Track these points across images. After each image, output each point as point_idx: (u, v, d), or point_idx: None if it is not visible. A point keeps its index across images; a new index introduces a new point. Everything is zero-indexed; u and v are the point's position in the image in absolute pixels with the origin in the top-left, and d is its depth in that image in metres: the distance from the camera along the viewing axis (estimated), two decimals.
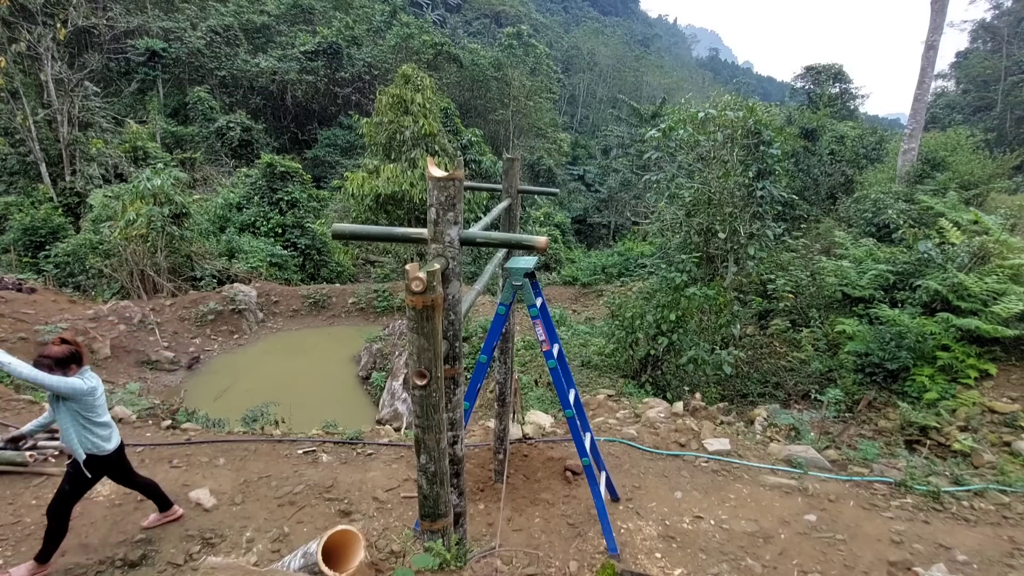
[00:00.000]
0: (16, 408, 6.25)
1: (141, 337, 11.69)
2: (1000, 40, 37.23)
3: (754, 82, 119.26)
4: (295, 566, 2.47)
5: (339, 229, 2.40)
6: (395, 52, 37.05)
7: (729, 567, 3.98)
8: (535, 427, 6.04)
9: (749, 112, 10.45)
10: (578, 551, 4.13)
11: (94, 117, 21.81)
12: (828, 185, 19.33)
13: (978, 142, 17.44)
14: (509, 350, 4.61)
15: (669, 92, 49.84)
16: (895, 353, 7.61)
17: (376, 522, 4.42)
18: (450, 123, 25.56)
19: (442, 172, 2.15)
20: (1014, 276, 7.91)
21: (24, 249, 15.75)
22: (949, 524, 4.51)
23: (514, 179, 4.38)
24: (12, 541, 3.99)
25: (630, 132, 32.82)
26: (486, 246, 2.44)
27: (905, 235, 10.15)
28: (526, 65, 42.63)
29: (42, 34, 19.54)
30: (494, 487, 4.91)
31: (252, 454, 5.40)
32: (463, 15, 69.66)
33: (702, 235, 10.96)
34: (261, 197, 18.73)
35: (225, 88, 34.81)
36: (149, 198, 14.46)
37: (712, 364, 8.49)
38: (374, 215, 18.31)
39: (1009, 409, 6.46)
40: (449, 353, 2.40)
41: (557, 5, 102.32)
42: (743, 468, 5.30)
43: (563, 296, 18.96)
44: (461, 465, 2.66)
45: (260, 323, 14.13)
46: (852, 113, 28.50)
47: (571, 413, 3.85)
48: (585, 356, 10.53)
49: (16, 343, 9.43)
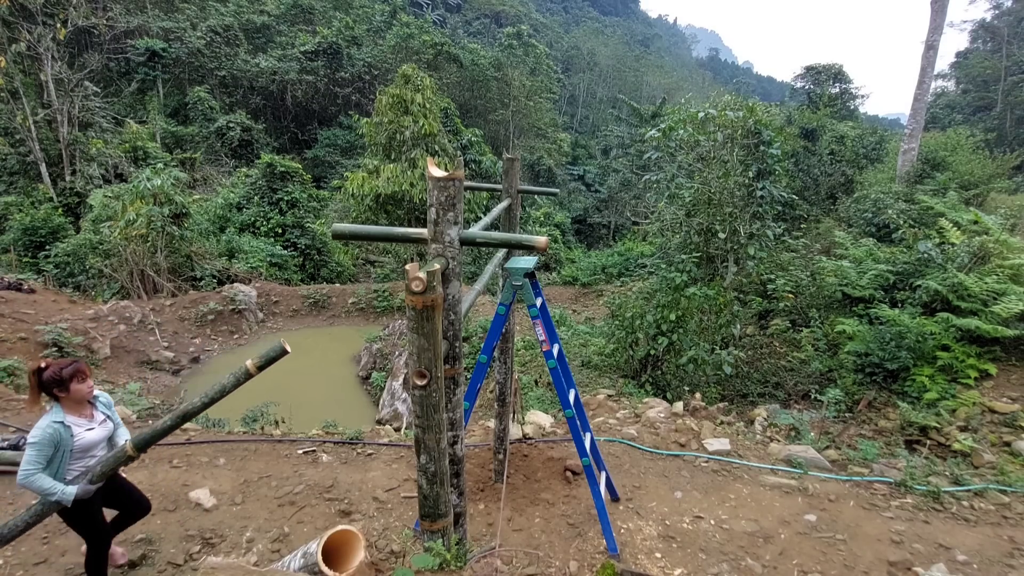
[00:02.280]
0: (16, 408, 6.25)
1: (141, 337, 11.69)
2: (1000, 40, 37.23)
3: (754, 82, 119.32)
4: (295, 566, 2.47)
5: (339, 229, 2.40)
6: (395, 52, 37.06)
7: (729, 567, 3.98)
8: (535, 427, 6.04)
9: (749, 112, 10.45)
10: (578, 551, 4.13)
11: (94, 117, 21.81)
12: (828, 185, 19.34)
13: (978, 142, 17.44)
14: (509, 350, 4.61)
15: (669, 92, 49.85)
16: (895, 353, 7.61)
17: (376, 522, 4.42)
18: (450, 123, 25.56)
19: (442, 172, 2.15)
20: (1014, 276, 7.90)
21: (24, 249, 15.75)
22: (949, 524, 4.51)
23: (514, 179, 4.38)
24: (12, 541, 3.98)
25: (630, 132, 32.84)
26: (486, 246, 2.44)
27: (905, 235, 10.14)
28: (526, 65, 42.65)
29: (42, 34, 19.55)
30: (494, 487, 4.91)
31: (252, 454, 5.40)
32: (463, 15, 69.68)
33: (702, 235, 10.96)
34: (261, 197, 18.73)
35: (225, 88, 34.82)
36: (149, 198, 14.47)
37: (712, 364, 8.49)
38: (374, 215, 18.32)
39: (1009, 409, 6.46)
40: (449, 353, 2.40)
41: (557, 5, 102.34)
42: (743, 468, 5.30)
43: (563, 296, 18.97)
44: (461, 465, 2.66)
45: (260, 323, 14.13)
46: (852, 113, 28.52)
47: (571, 413, 3.85)
48: (585, 356, 10.53)
49: (16, 343, 9.43)
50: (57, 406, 3.03)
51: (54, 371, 3.00)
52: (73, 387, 3.01)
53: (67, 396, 3.02)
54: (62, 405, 3.03)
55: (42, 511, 3.03)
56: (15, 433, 5.35)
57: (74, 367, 3.05)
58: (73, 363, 3.08)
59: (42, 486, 2.92)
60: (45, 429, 2.93)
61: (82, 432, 3.07)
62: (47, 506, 3.01)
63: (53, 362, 3.06)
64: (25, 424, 5.69)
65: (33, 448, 2.90)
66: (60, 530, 4.13)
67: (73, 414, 3.07)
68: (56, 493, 2.93)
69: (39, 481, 2.91)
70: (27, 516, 3.04)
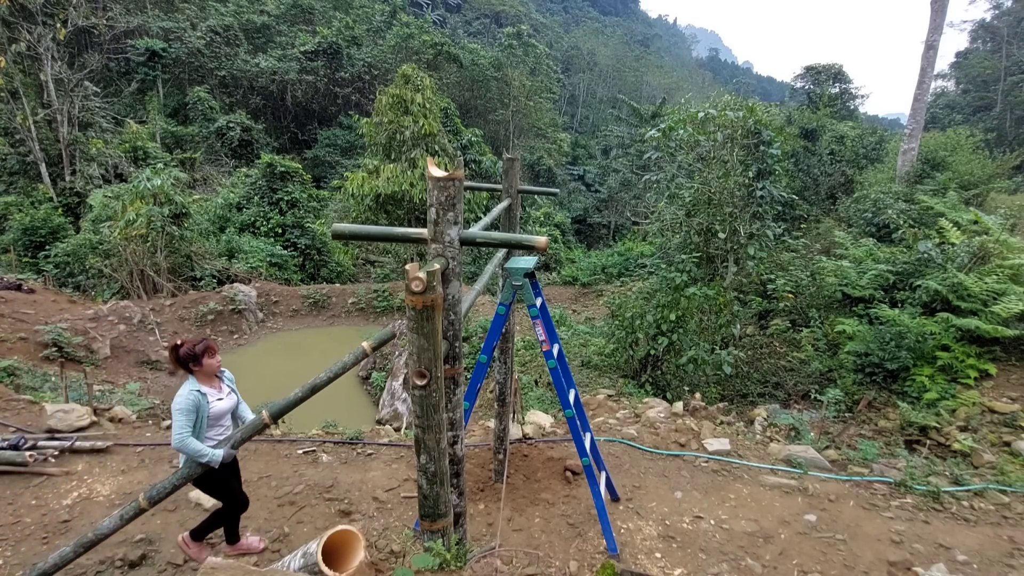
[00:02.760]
0: (16, 408, 6.25)
1: (141, 337, 11.69)
2: (1000, 40, 37.24)
3: (754, 82, 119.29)
4: (295, 566, 2.47)
5: (339, 229, 2.40)
6: (395, 52, 37.07)
7: (729, 567, 3.98)
8: (535, 427, 6.04)
9: (749, 112, 10.45)
10: (578, 551, 4.13)
11: (94, 117, 21.82)
12: (828, 185, 19.34)
13: (978, 142, 17.42)
14: (509, 350, 4.61)
15: (669, 92, 49.85)
16: (895, 353, 7.61)
17: (376, 522, 4.41)
18: (450, 123, 25.57)
19: (442, 172, 2.15)
20: (1014, 276, 7.91)
21: (24, 249, 15.76)
22: (949, 524, 4.51)
23: (514, 179, 4.38)
24: (12, 541, 3.99)
25: (630, 132, 32.82)
26: (486, 246, 2.44)
27: (905, 235, 10.15)
28: (526, 65, 42.65)
29: (42, 34, 19.55)
30: (494, 487, 4.91)
31: (252, 454, 5.40)
32: (463, 15, 69.69)
33: (702, 235, 10.96)
34: (261, 197, 18.73)
35: (225, 88, 34.81)
36: (149, 198, 14.46)
37: (712, 364, 8.49)
38: (374, 215, 18.32)
39: (1009, 409, 6.46)
40: (449, 353, 2.40)
41: (557, 5, 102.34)
42: (743, 468, 5.30)
43: (563, 296, 18.97)
44: (461, 465, 2.66)
45: (260, 323, 14.13)
46: (852, 113, 28.52)
47: (571, 413, 3.85)
48: (585, 356, 10.53)
49: (16, 343, 9.43)
50: (192, 378, 3.41)
51: (188, 348, 3.40)
52: (205, 361, 3.42)
53: (200, 369, 3.42)
54: (196, 377, 3.42)
55: (189, 473, 3.24)
56: (15, 433, 5.35)
57: (204, 344, 3.46)
58: (203, 340, 3.49)
59: (195, 448, 3.21)
60: (187, 396, 3.28)
61: (215, 401, 3.45)
62: (194, 468, 3.24)
63: (187, 340, 3.47)
64: (25, 424, 5.69)
65: (181, 414, 3.23)
66: (60, 530, 4.13)
67: (205, 385, 3.44)
68: (207, 455, 3.23)
69: (192, 444, 3.21)
70: (175, 480, 3.19)
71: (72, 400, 6.24)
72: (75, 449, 5.16)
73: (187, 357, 3.38)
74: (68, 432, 5.47)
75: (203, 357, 3.40)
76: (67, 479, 4.77)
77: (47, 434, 5.37)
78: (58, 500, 4.48)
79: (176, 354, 3.41)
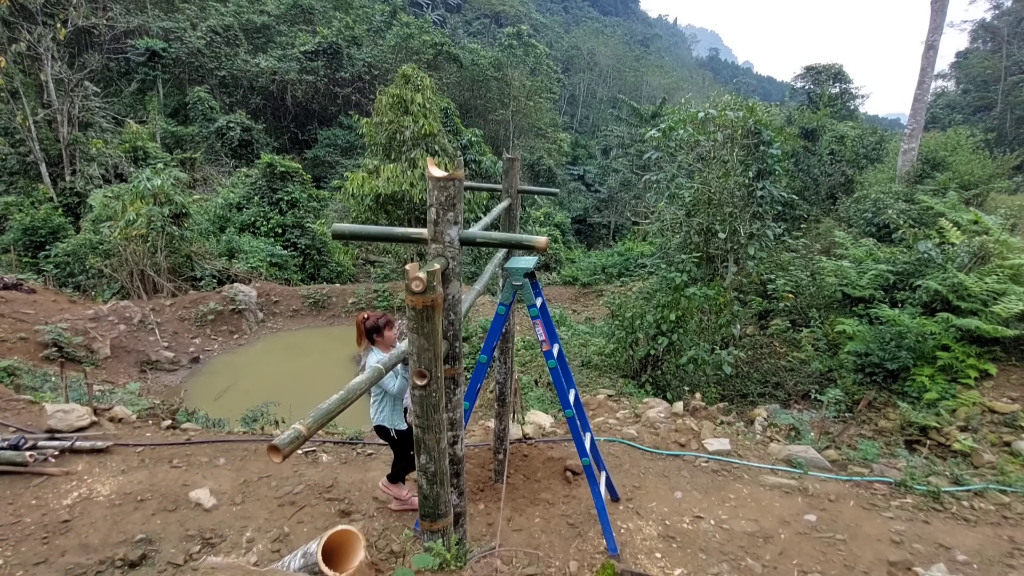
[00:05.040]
0: (16, 408, 6.25)
1: (141, 337, 11.68)
2: (1000, 40, 37.23)
3: (754, 82, 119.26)
4: (295, 566, 2.46)
5: (339, 229, 2.40)
6: (395, 52, 37.04)
7: (729, 567, 3.98)
8: (535, 427, 6.04)
9: (749, 112, 10.46)
10: (578, 551, 4.13)
11: (94, 117, 21.80)
12: (828, 185, 19.34)
13: (978, 142, 17.42)
14: (509, 350, 4.61)
15: (669, 92, 49.83)
16: (895, 353, 7.61)
17: (376, 522, 4.41)
18: (450, 123, 25.55)
19: (442, 172, 2.15)
20: (1014, 276, 7.91)
21: (24, 249, 15.75)
22: (949, 524, 4.51)
23: (514, 179, 4.38)
24: (12, 541, 3.99)
25: (630, 132, 32.80)
26: (486, 246, 2.44)
27: (905, 235, 10.15)
28: (526, 65, 42.62)
29: (42, 34, 19.53)
30: (494, 487, 4.91)
31: (252, 454, 5.40)
32: (463, 15, 69.65)
33: (702, 235, 10.97)
34: (261, 197, 18.72)
35: (225, 88, 34.79)
36: (149, 198, 14.46)
37: (712, 364, 8.50)
38: (374, 215, 18.31)
39: (1009, 409, 6.46)
40: (449, 353, 2.40)
41: (557, 5, 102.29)
42: (743, 468, 5.30)
43: (563, 296, 18.96)
44: (461, 465, 2.66)
45: (260, 323, 14.12)
46: (852, 113, 28.49)
47: (571, 413, 3.85)
48: (585, 356, 10.52)
49: (16, 343, 9.43)
50: (375, 349, 3.83)
51: (372, 321, 3.86)
52: (386, 333, 3.84)
53: (381, 340, 3.85)
54: (378, 347, 3.83)
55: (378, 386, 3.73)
56: (15, 433, 5.35)
57: (385, 318, 3.90)
58: (384, 314, 3.94)
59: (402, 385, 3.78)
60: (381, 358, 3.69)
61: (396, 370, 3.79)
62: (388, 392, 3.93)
63: (372, 313, 3.93)
64: (25, 424, 5.68)
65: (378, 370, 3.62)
66: (60, 530, 4.13)
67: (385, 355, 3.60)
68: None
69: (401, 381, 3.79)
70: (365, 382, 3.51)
71: (72, 400, 6.24)
72: (75, 449, 5.16)
73: (372, 329, 3.78)
74: (68, 432, 5.46)
75: (384, 329, 3.80)
76: (67, 479, 4.77)
77: (47, 434, 5.37)
78: (58, 500, 4.48)
79: (364, 326, 3.82)
